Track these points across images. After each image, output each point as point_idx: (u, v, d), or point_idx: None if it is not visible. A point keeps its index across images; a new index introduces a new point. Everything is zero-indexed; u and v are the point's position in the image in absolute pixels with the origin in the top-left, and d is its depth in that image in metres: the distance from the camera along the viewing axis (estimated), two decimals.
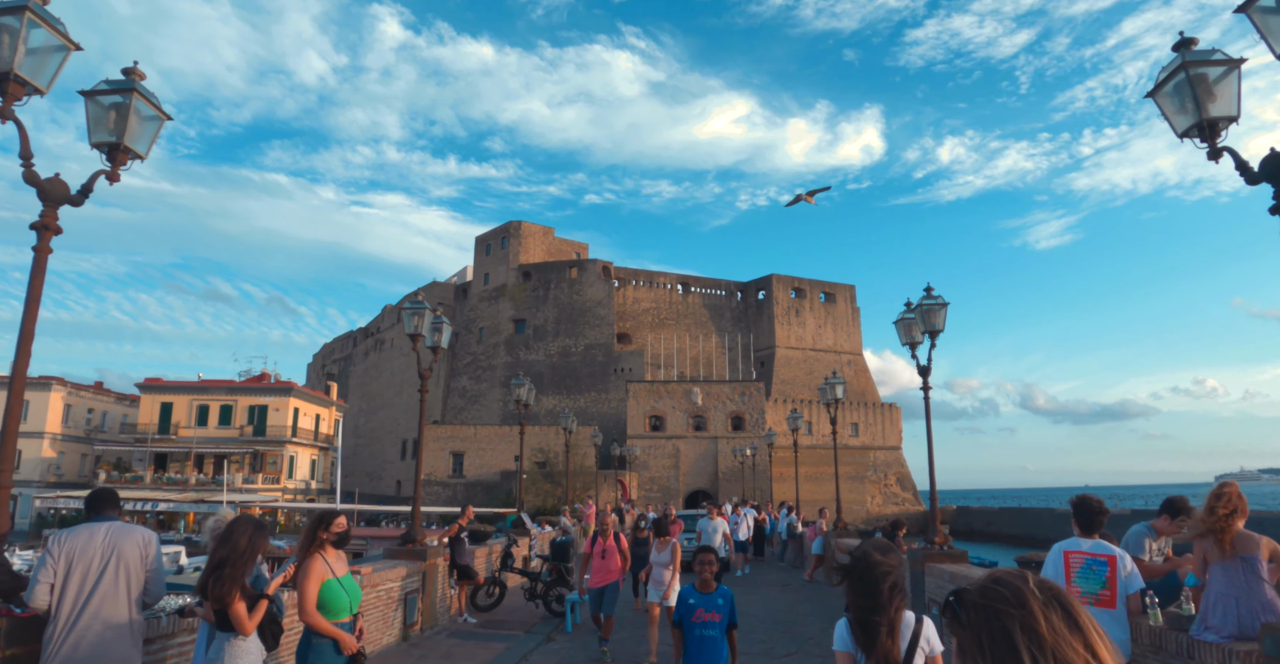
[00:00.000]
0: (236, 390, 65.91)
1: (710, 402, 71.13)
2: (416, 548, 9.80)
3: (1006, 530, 71.92)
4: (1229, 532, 4.80)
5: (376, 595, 8.41)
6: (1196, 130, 5.04)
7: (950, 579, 8.96)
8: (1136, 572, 5.12)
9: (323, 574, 4.84)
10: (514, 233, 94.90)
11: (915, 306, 10.66)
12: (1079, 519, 5.45)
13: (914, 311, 10.72)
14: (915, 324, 10.90)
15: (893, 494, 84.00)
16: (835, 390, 16.51)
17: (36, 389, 67.91)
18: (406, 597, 9.18)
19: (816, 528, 17.51)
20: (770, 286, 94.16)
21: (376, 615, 8.34)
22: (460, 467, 69.97)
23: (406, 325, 10.63)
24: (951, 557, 9.70)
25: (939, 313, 10.41)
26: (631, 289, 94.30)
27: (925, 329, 10.50)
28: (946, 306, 10.60)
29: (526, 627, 11.51)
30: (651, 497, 67.26)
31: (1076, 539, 5.44)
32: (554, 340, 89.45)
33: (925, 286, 10.66)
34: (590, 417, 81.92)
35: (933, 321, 10.42)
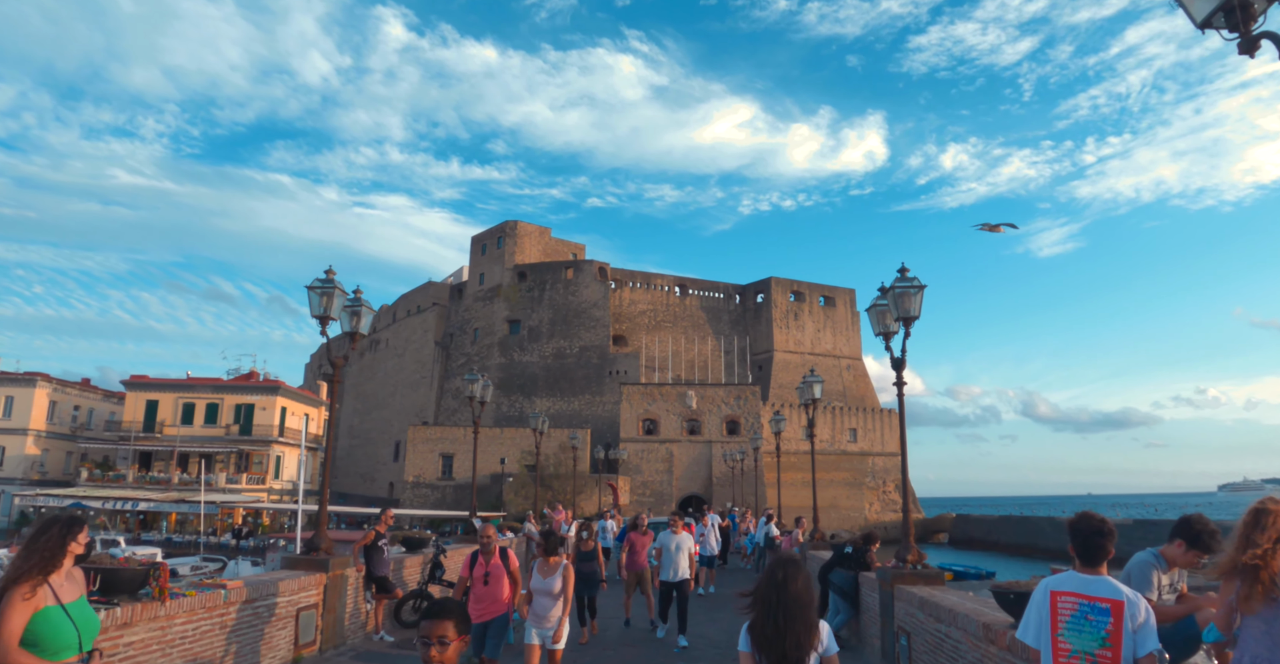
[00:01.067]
0: (223, 389, 64.83)
1: (705, 405, 69.90)
2: (318, 557, 8.65)
3: (1006, 539, 70.53)
4: (1272, 568, 3.50)
5: (253, 613, 7.24)
6: (1223, 16, 3.76)
7: (920, 605, 7.74)
8: (1151, 624, 3.68)
9: (36, 602, 3.60)
10: (510, 232, 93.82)
11: (888, 290, 9.45)
12: (1077, 545, 3.93)
13: (886, 296, 9.53)
14: (888, 312, 9.79)
15: (891, 501, 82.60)
16: (813, 390, 15.29)
17: (21, 385, 66.96)
18: (300, 613, 8.02)
19: (791, 539, 16.16)
20: (769, 290, 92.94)
21: (246, 638, 7.16)
22: (450, 469, 68.79)
23: (313, 307, 9.52)
24: (926, 578, 8.52)
25: (914, 297, 9.20)
26: (628, 290, 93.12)
27: (899, 316, 9.30)
28: (922, 290, 9.28)
29: None
30: (644, 501, 66.04)
31: (1073, 573, 3.90)
32: (549, 342, 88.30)
33: (899, 268, 9.34)
34: (584, 420, 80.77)
35: (907, 307, 9.20)
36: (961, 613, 6.53)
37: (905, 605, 8.28)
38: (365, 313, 10.02)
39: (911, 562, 8.75)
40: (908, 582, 8.54)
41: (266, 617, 7.49)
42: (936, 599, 7.33)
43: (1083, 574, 3.84)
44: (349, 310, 9.96)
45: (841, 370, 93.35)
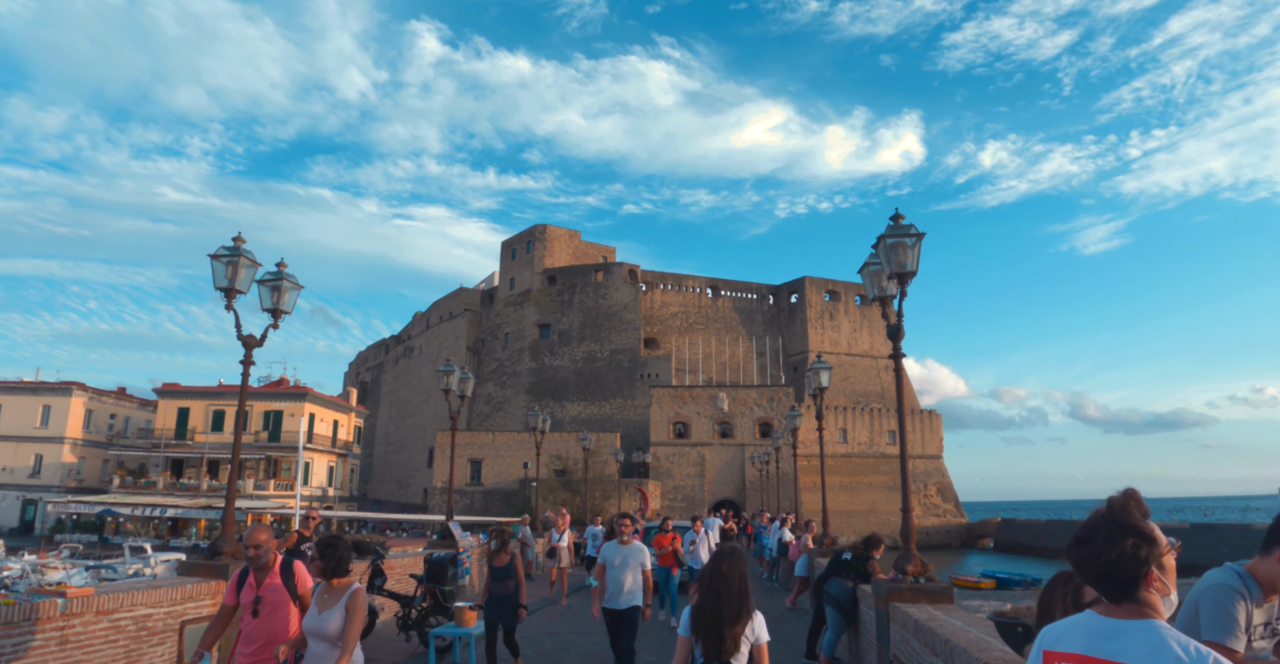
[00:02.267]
0: (252, 395, 64.68)
1: (737, 407, 68.25)
2: (218, 562, 7.49)
3: (1055, 545, 67.67)
4: None
5: (111, 626, 6.07)
6: None
7: (915, 631, 6.23)
8: None
9: None
10: (539, 236, 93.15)
11: (879, 242, 7.88)
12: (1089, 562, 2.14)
13: (878, 250, 7.98)
14: (881, 271, 8.23)
15: (933, 505, 79.99)
16: (820, 377, 13.78)
17: (57, 395, 67.70)
18: (185, 627, 6.86)
19: (801, 544, 14.57)
20: (803, 289, 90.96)
21: (101, 657, 5.98)
22: (479, 474, 68.01)
23: (216, 278, 8.36)
24: (930, 594, 7.03)
25: (909, 249, 7.72)
26: (659, 293, 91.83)
27: (893, 272, 7.75)
28: (920, 239, 7.75)
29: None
30: (675, 506, 64.60)
31: (1090, 616, 2.10)
32: (579, 345, 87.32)
33: (891, 215, 7.85)
34: (616, 424, 79.59)
35: (901, 260, 7.70)
36: (959, 647, 5.08)
37: (900, 629, 6.78)
38: (288, 289, 8.79)
39: (913, 574, 7.22)
40: (906, 598, 7.03)
41: (133, 631, 6.34)
42: (934, 626, 5.84)
43: (1105, 617, 2.08)
44: (269, 286, 8.77)
45: (879, 371, 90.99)
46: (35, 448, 66.88)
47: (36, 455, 67.00)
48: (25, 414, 67.14)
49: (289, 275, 8.85)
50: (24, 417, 67.10)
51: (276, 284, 8.68)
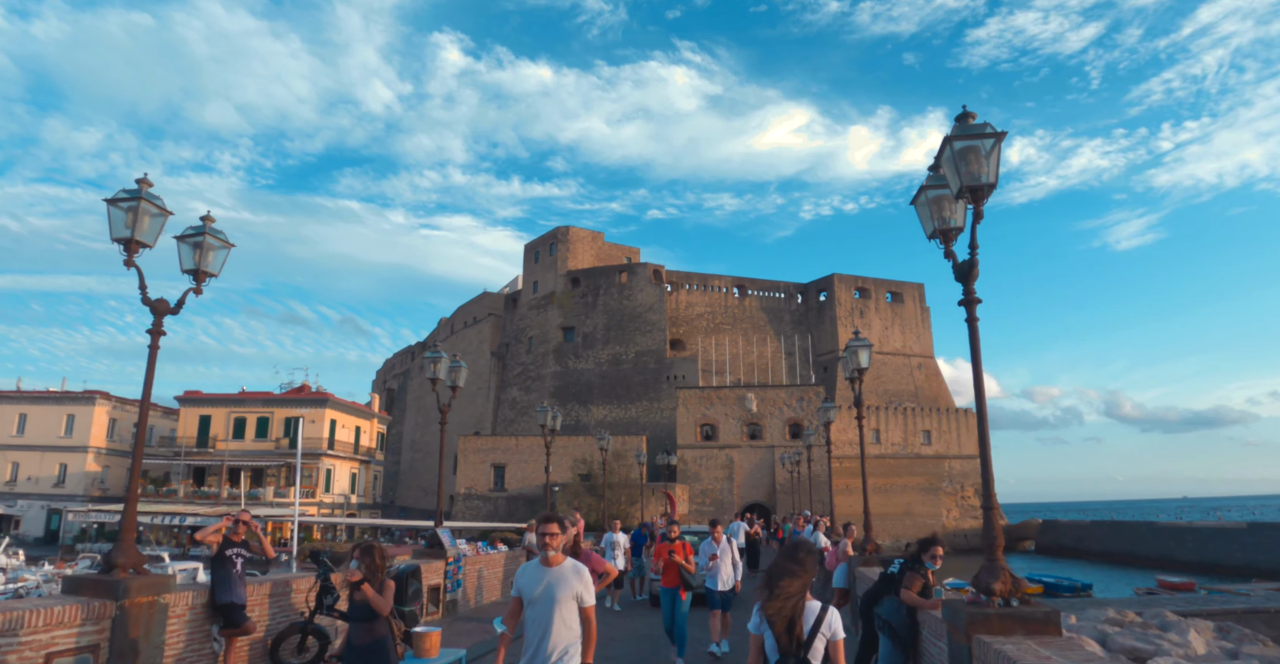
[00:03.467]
0: (273, 402, 64.05)
1: (766, 408, 66.29)
2: (108, 579, 5.97)
3: (1100, 547, 64.98)
4: None
5: None
6: None
7: None
8: None
9: None
10: (562, 238, 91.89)
11: (944, 146, 5.69)
12: None
13: (941, 163, 5.87)
14: (945, 197, 6.13)
15: (970, 507, 77.36)
16: (859, 357, 11.96)
17: (81, 404, 67.51)
18: (54, 660, 5.34)
19: (839, 551, 12.42)
20: (831, 287, 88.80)
21: None
22: (502, 479, 66.67)
23: (114, 228, 6.88)
24: (1027, 621, 5.11)
25: (986, 156, 5.55)
26: (684, 293, 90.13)
27: (965, 185, 5.58)
28: (1000, 140, 5.59)
29: None
30: (704, 510, 62.76)
31: None
32: (604, 348, 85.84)
33: (958, 115, 5.76)
34: (642, 427, 77.97)
35: (975, 170, 5.55)
36: None
37: None
38: (214, 246, 7.29)
39: (1002, 594, 5.31)
40: (995, 629, 5.11)
41: None
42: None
43: None
44: (190, 242, 7.27)
45: (912, 369, 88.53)
46: (60, 457, 66.71)
47: (61, 465, 66.83)
48: (50, 424, 67.04)
49: (215, 230, 7.34)
50: (49, 426, 67.01)
51: (198, 240, 7.18)
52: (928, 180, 6.49)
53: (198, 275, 7.30)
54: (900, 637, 6.72)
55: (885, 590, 7.08)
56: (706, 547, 11.37)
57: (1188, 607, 18.00)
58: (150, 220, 7.24)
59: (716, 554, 11.28)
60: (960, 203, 6.18)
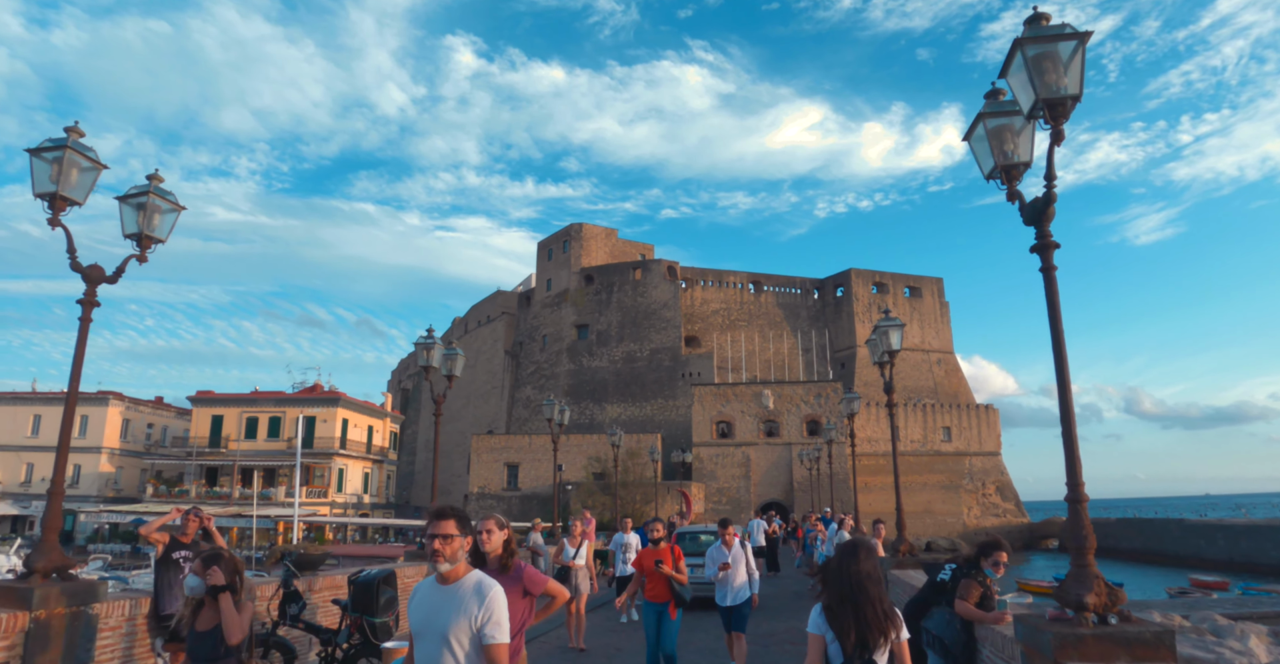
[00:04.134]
0: (285, 402, 63.56)
1: (783, 405, 65.15)
2: (21, 587, 5.06)
3: (1126, 545, 63.42)
4: None
5: None
6: None
7: None
8: None
9: None
10: (575, 235, 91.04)
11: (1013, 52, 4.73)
12: None
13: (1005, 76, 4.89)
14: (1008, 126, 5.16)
15: (992, 505, 76.00)
16: (890, 339, 10.86)
17: (94, 404, 67.29)
18: None
19: None
20: (849, 282, 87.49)
21: None
22: (515, 479, 65.88)
23: (37, 182, 5.90)
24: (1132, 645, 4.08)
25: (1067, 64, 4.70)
26: (699, 289, 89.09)
27: (1043, 98, 4.68)
28: (1084, 43, 4.69)
29: None
30: (720, 509, 61.73)
31: None
32: (618, 346, 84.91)
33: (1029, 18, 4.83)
34: (657, 425, 77.02)
35: (1054, 81, 4.68)
36: None
37: None
38: (159, 206, 6.36)
39: (1096, 608, 4.27)
40: (1090, 654, 4.07)
41: None
42: None
43: None
44: (133, 203, 6.38)
45: (931, 365, 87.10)
46: (74, 458, 66.45)
47: (75, 465, 66.60)
48: None
49: (163, 190, 6.44)
50: None
51: (141, 201, 6.28)
52: (986, 108, 5.42)
53: (142, 241, 6.37)
54: (953, 655, 5.69)
55: (934, 600, 6.03)
56: (715, 553, 9.35)
57: (1236, 609, 16.87)
58: (80, 174, 6.21)
59: (728, 562, 9.10)
60: (1024, 134, 5.26)
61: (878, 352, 10.99)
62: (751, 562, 9.39)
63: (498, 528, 4.80)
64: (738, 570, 9.16)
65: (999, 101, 5.37)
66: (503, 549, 4.76)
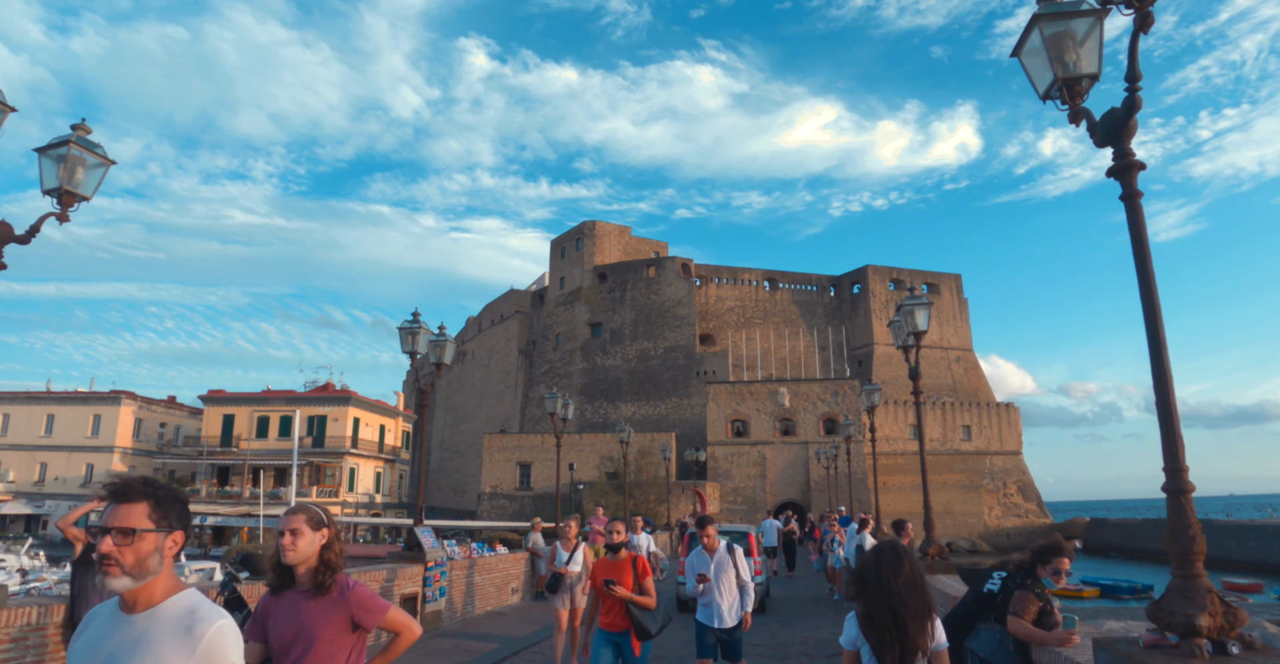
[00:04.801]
0: (296, 401, 63.09)
1: (799, 403, 64.06)
2: None
3: (1153, 546, 61.84)
4: None
5: None
6: None
7: None
8: None
9: None
10: (588, 233, 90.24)
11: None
12: None
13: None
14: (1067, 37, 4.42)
15: (1013, 505, 74.56)
16: (916, 318, 9.87)
17: (107, 404, 67.19)
18: None
19: None
20: (865, 279, 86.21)
21: None
22: (528, 478, 65.15)
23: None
24: None
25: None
26: (714, 287, 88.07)
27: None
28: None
29: None
30: (735, 509, 60.75)
31: None
32: (631, 344, 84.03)
33: None
34: (671, 424, 76.12)
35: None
36: None
37: None
38: (82, 159, 5.51)
39: (1212, 631, 3.37)
40: None
41: None
42: None
43: None
44: (51, 155, 5.55)
45: (950, 363, 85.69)
46: (87, 457, 66.43)
47: (88, 465, 66.55)
48: (77, 424, 66.82)
49: (87, 141, 5.63)
50: (76, 426, 66.79)
51: (61, 152, 5.47)
52: (1041, 9, 4.62)
53: (62, 197, 5.56)
54: None
55: (980, 615, 5.03)
56: (695, 560, 7.36)
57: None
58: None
59: (708, 574, 7.20)
60: (1090, 41, 4.48)
61: (902, 334, 10.06)
62: (745, 571, 7.46)
63: (309, 526, 3.30)
64: (724, 582, 7.29)
65: (1058, 2, 4.59)
66: (318, 560, 3.26)
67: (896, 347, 10.45)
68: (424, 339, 10.24)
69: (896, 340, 10.30)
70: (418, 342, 11.31)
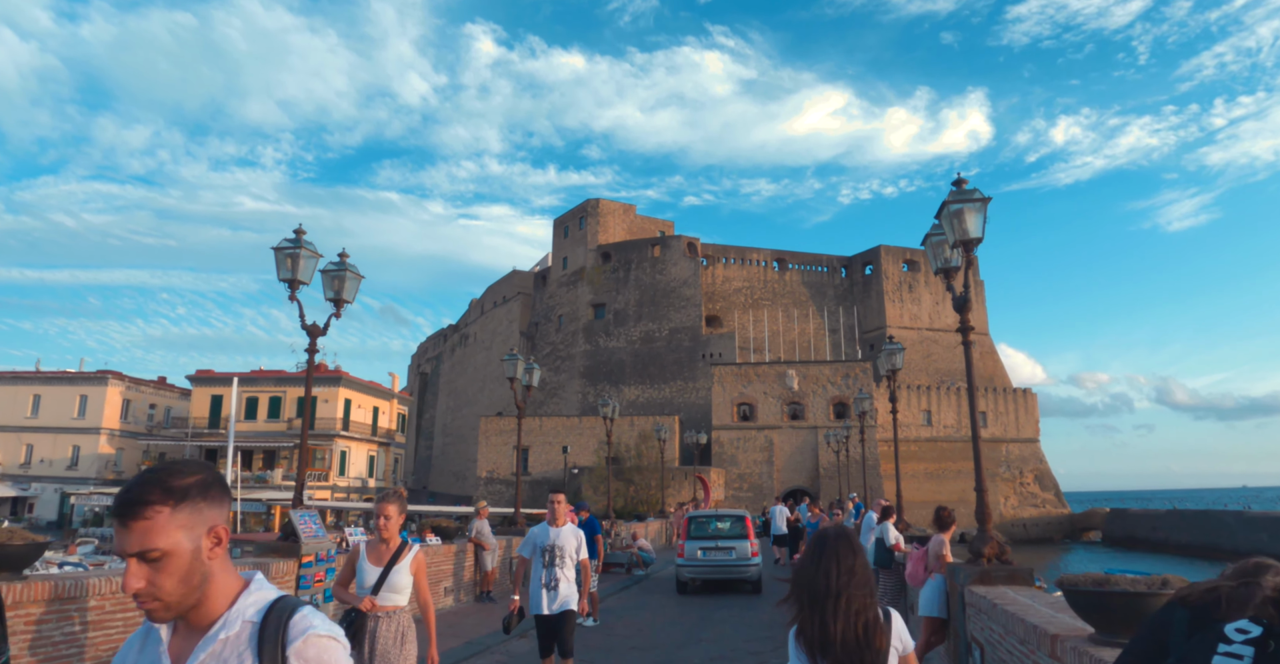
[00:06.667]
0: (285, 381, 60.89)
1: (808, 386, 61.38)
2: None
3: (1177, 538, 59.14)
4: None
5: None
6: None
7: None
8: None
9: None
10: (591, 211, 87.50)
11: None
12: None
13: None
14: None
15: (1030, 494, 71.90)
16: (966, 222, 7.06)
17: (93, 384, 65.21)
18: None
19: (931, 553, 7.91)
20: (878, 260, 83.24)
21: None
22: (526, 463, 62.76)
23: None
24: None
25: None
26: (721, 267, 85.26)
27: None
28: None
29: None
30: (741, 496, 58.29)
31: None
32: (636, 325, 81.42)
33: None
34: (676, 407, 73.64)
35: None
36: None
37: None
38: None
39: None
40: None
41: None
42: None
43: None
44: None
45: None
46: (73, 439, 64.51)
47: (74, 446, 64.65)
48: (63, 405, 64.89)
49: None
50: (62, 407, 64.86)
51: None
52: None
53: None
54: None
55: None
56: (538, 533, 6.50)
57: None
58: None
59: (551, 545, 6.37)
60: None
61: (941, 255, 7.43)
62: (584, 550, 6.44)
63: None
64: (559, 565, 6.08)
65: None
66: None
67: (936, 270, 7.83)
68: (308, 265, 7.78)
69: (935, 262, 7.70)
70: (299, 267, 8.69)
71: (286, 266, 5.92)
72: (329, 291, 8.08)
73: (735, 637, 10.11)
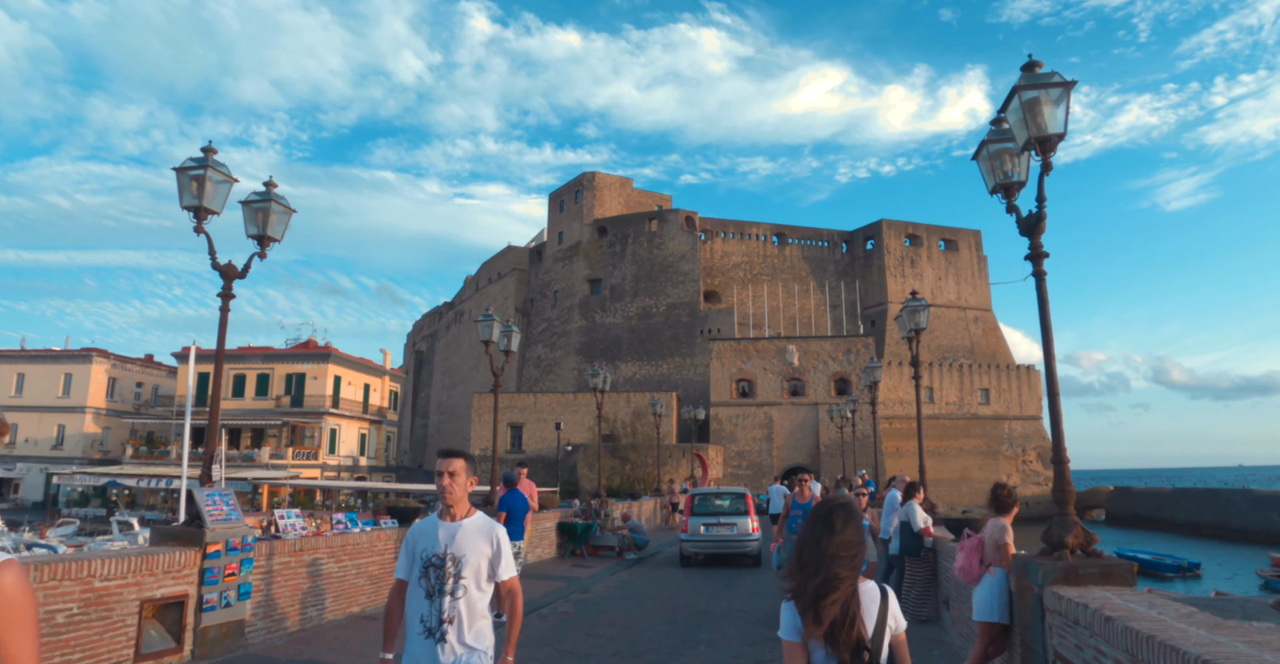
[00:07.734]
0: (273, 358, 59.39)
1: (809, 362, 59.98)
2: None
3: (1184, 517, 58.11)
4: None
5: None
6: None
7: None
8: None
9: None
10: (588, 185, 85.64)
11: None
12: None
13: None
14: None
15: (1033, 472, 70.83)
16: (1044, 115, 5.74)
17: (78, 362, 63.74)
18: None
19: (989, 540, 6.10)
20: (880, 234, 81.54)
21: None
22: (519, 440, 61.49)
23: None
24: None
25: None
26: (719, 242, 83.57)
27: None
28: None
29: None
30: (740, 474, 57.10)
31: None
32: (632, 301, 79.88)
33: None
34: (674, 384, 72.31)
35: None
36: None
37: None
38: None
39: None
40: None
41: None
42: None
43: None
44: None
45: (968, 323, 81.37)
46: (58, 418, 63.11)
47: (59, 426, 63.28)
48: (48, 383, 63.45)
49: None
50: (46, 386, 63.42)
51: None
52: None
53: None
54: None
55: None
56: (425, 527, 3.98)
57: None
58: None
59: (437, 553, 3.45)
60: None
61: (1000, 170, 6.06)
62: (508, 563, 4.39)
63: None
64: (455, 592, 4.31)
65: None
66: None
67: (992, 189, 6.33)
68: (218, 190, 6.32)
69: (992, 177, 6.19)
70: (205, 193, 7.07)
71: (191, 191, 4.70)
72: (251, 227, 7.14)
73: (738, 638, 8.76)
